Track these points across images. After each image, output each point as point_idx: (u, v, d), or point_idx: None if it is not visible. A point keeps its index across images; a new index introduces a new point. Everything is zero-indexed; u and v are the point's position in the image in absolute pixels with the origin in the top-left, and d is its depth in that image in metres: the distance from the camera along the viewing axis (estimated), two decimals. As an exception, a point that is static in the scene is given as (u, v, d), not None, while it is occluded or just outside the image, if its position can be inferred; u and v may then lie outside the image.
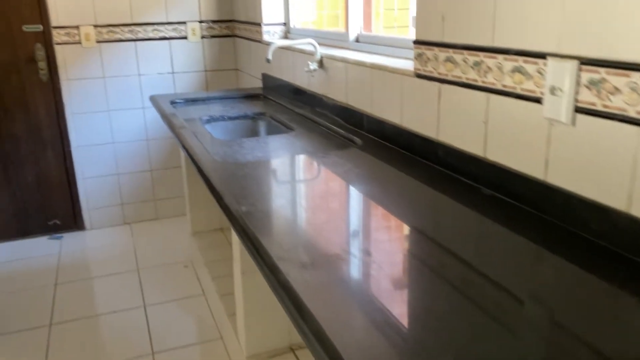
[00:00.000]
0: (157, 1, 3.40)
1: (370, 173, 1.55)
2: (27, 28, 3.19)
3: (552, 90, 1.12)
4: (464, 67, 1.40)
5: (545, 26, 1.13)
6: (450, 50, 1.44)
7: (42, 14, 3.19)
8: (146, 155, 3.63)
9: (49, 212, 3.54)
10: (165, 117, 2.40)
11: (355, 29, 2.36)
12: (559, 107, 1.11)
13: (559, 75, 1.10)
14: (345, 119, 2.12)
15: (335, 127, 2.07)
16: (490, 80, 1.31)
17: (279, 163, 1.72)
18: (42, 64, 3.25)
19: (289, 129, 2.22)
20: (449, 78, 1.46)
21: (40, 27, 3.21)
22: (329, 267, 0.99)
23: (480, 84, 1.35)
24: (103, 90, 3.43)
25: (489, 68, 1.31)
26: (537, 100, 1.18)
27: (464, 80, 1.40)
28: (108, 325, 2.59)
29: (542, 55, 1.15)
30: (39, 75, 3.27)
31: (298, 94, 2.59)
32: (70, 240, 3.51)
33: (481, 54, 1.33)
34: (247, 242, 1.13)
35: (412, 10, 2.81)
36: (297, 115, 2.38)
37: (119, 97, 3.47)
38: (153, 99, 2.83)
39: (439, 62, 1.49)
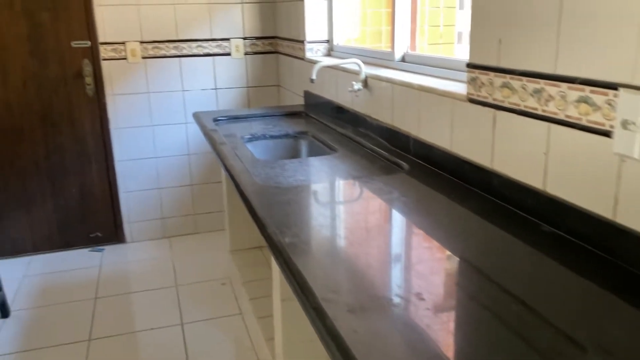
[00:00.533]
0: (202, 18, 3.43)
1: (419, 201, 1.47)
2: (76, 44, 3.25)
3: (624, 124, 1.03)
4: (522, 94, 1.32)
5: (616, 54, 1.05)
6: (508, 75, 1.36)
7: (90, 30, 3.25)
8: (187, 169, 3.65)
9: (91, 225, 3.58)
10: (207, 134, 2.39)
11: (402, 48, 2.30)
12: (632, 143, 1.02)
13: (633, 108, 1.01)
14: (390, 141, 2.06)
15: (379, 150, 2.01)
16: (552, 109, 1.22)
17: (322, 188, 1.67)
18: (89, 79, 3.31)
19: (331, 149, 2.16)
20: (506, 105, 1.38)
21: (88, 43, 3.27)
22: (378, 313, 0.93)
23: (540, 112, 1.26)
24: (147, 105, 3.46)
25: (551, 96, 1.22)
26: (606, 134, 1.09)
27: (522, 108, 1.32)
28: (146, 343, 2.58)
29: (612, 86, 1.06)
30: (86, 90, 3.33)
31: (341, 113, 2.54)
32: (111, 253, 3.54)
33: (542, 81, 1.25)
34: (290, 278, 1.08)
35: (458, 27, 2.74)
36: (340, 136, 2.32)
37: (162, 113, 3.50)
38: (196, 115, 2.83)
39: (495, 88, 1.42)
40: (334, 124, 2.47)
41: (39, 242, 3.50)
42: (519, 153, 1.35)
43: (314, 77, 2.19)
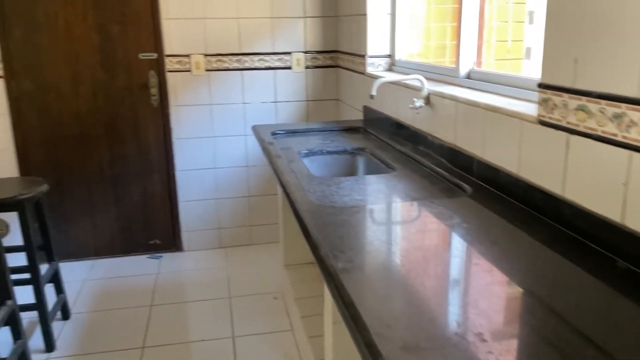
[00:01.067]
0: (264, 32, 3.46)
1: (483, 228, 1.39)
2: (143, 56, 3.35)
3: None
4: (600, 118, 1.21)
5: None
6: (584, 98, 1.26)
7: (157, 43, 3.35)
8: (245, 181, 3.67)
9: (151, 232, 3.67)
10: (264, 148, 2.38)
11: (467, 64, 2.21)
12: None
13: None
14: (452, 161, 1.97)
15: (440, 170, 1.93)
16: (634, 136, 1.12)
17: (379, 210, 1.61)
18: (154, 90, 3.40)
19: (390, 168, 2.10)
20: (581, 129, 1.28)
21: (154, 55, 3.36)
22: (435, 354, 0.86)
23: (620, 139, 1.16)
24: (209, 117, 3.52)
25: (633, 122, 1.12)
26: (700, 165, 0.97)
27: (600, 134, 1.22)
28: (197, 354, 2.58)
29: None
30: (151, 101, 3.43)
31: (400, 130, 2.48)
32: (168, 261, 3.61)
33: (623, 105, 1.14)
34: (342, 308, 1.03)
35: (527, 42, 2.62)
36: (399, 153, 2.26)
37: (223, 124, 3.55)
38: (255, 128, 2.84)
39: (569, 110, 1.32)
40: (393, 141, 2.41)
41: (101, 246, 3.61)
42: (595, 181, 1.24)
43: (373, 93, 2.14)
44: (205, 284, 3.28)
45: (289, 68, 3.56)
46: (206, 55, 3.42)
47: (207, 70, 3.44)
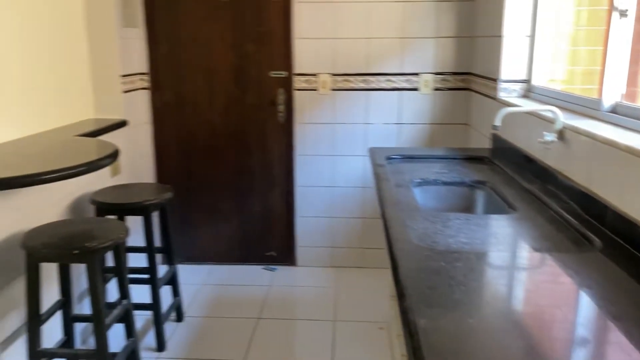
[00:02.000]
0: (393, 52, 3.38)
1: (617, 295, 1.16)
2: (274, 74, 3.45)
3: None
4: None
5: None
6: None
7: (287, 62, 3.42)
8: (361, 202, 3.60)
9: (268, 244, 3.74)
10: (375, 173, 2.29)
11: (614, 96, 1.92)
12: None
13: None
14: (582, 207, 1.72)
15: (568, 216, 1.68)
16: None
17: (486, 259, 1.43)
18: (282, 107, 3.48)
19: (510, 208, 1.89)
20: None
21: (284, 74, 3.44)
22: None
23: None
24: (331, 135, 3.51)
25: None
26: None
27: None
28: (293, 376, 2.55)
29: None
30: (277, 117, 3.51)
31: (529, 164, 2.23)
32: (281, 274, 3.65)
33: None
34: (414, 376, 0.90)
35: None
36: (524, 191, 2.03)
37: (344, 144, 3.52)
38: (371, 150, 2.76)
39: None
40: (520, 176, 2.18)
41: (221, 253, 3.76)
42: None
43: (497, 123, 1.95)
44: (313, 303, 3.25)
45: (416, 89, 3.43)
46: (333, 74, 3.42)
47: (333, 89, 3.44)
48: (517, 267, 1.39)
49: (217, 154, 3.60)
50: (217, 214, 3.69)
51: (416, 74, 3.41)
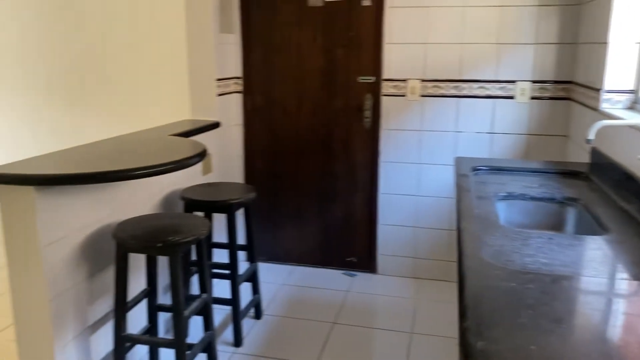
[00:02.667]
0: (488, 58, 3.24)
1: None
2: (362, 79, 3.44)
3: None
4: None
5: None
6: None
7: (376, 67, 3.40)
8: (447, 213, 3.49)
9: (349, 249, 3.73)
10: (457, 184, 2.20)
11: None
12: None
13: None
14: (687, 233, 1.54)
15: (668, 242, 1.51)
16: None
17: (565, 283, 1.32)
18: (368, 113, 3.46)
19: (602, 228, 1.73)
20: None
21: (372, 79, 3.42)
22: None
23: None
24: (418, 143, 3.44)
25: None
26: None
27: None
28: (363, 384, 2.52)
29: None
30: (363, 123, 3.49)
31: (628, 182, 2.04)
32: (361, 280, 3.63)
33: None
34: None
35: None
36: (620, 212, 1.85)
37: (431, 152, 3.43)
38: (457, 160, 2.66)
39: None
40: (617, 195, 2.00)
41: (303, 255, 3.81)
42: None
43: (591, 137, 1.80)
44: (390, 313, 3.20)
45: (511, 98, 3.27)
46: (423, 80, 3.35)
47: (422, 95, 3.37)
48: (600, 294, 1.27)
49: (303, 157, 3.65)
50: (300, 216, 3.75)
51: (512, 82, 3.25)
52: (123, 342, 2.26)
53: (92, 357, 2.29)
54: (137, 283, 2.54)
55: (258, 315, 3.11)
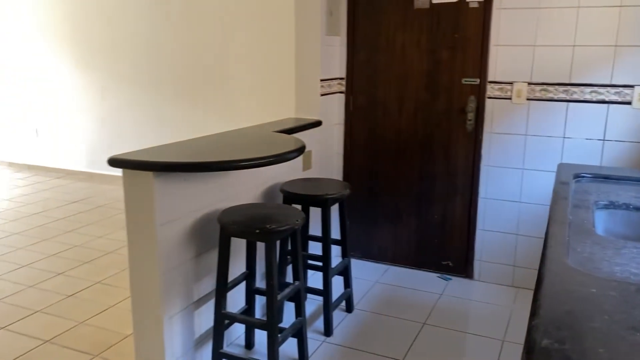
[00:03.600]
0: (604, 62, 3.06)
1: None
2: (466, 81, 3.41)
3: None
4: None
5: None
6: None
7: (481, 69, 3.35)
8: (550, 222, 3.34)
9: (444, 252, 3.71)
10: (555, 190, 2.13)
11: None
12: None
13: None
14: None
15: None
16: None
17: (654, 291, 1.26)
18: (471, 115, 3.42)
19: None
20: None
21: (477, 81, 3.38)
22: None
23: None
24: (522, 147, 3.34)
25: None
26: None
27: None
28: (447, 386, 2.52)
29: None
30: (465, 125, 3.46)
31: None
32: (455, 285, 3.59)
33: None
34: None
35: None
36: None
37: (536, 157, 3.31)
38: (560, 166, 2.56)
39: None
40: None
41: (398, 255, 3.84)
42: None
43: None
44: (483, 319, 3.14)
45: (628, 103, 3.06)
46: (530, 83, 3.24)
47: (529, 99, 3.26)
48: (693, 309, 1.20)
49: (402, 157, 3.69)
50: (397, 216, 3.79)
51: (630, 87, 3.05)
52: (222, 320, 2.46)
53: (194, 330, 2.53)
54: (237, 266, 2.74)
55: (349, 309, 3.20)
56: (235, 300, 2.76)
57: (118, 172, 5.68)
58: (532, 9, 3.16)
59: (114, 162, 2.20)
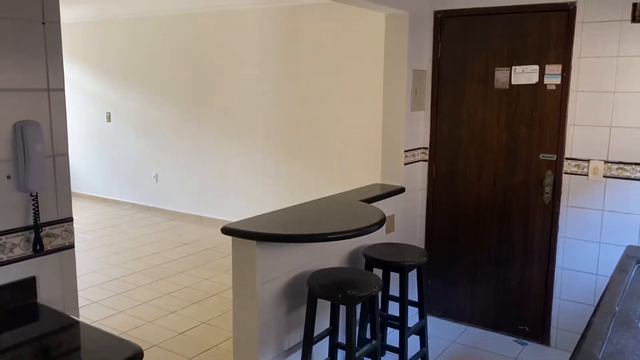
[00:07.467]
0: (682, 142, 3.16)
1: None
2: (543, 156, 3.61)
3: None
4: None
5: None
6: None
7: (558, 146, 3.54)
8: (628, 296, 3.40)
9: (521, 317, 3.84)
10: (612, 277, 2.30)
11: None
12: None
13: None
14: None
15: None
16: None
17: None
18: (548, 189, 3.60)
19: None
20: None
21: (554, 157, 3.57)
22: None
23: None
24: (599, 221, 3.46)
25: None
26: None
27: None
28: None
29: None
30: (543, 198, 3.64)
31: None
32: (531, 350, 3.70)
33: None
34: None
35: None
36: None
37: (614, 232, 3.41)
38: (629, 249, 2.70)
39: None
40: None
41: (476, 315, 4.03)
42: None
43: None
44: (554, 388, 3.25)
45: None
46: (606, 162, 3.39)
47: (605, 176, 3.40)
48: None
49: (482, 224, 3.91)
50: (475, 279, 3.99)
51: None
52: (307, 369, 2.83)
53: (284, 376, 2.92)
54: (323, 322, 3.12)
55: (426, 367, 3.44)
56: (320, 352, 3.12)
57: (224, 217, 6.32)
58: (607, 93, 3.34)
59: (226, 230, 2.69)
